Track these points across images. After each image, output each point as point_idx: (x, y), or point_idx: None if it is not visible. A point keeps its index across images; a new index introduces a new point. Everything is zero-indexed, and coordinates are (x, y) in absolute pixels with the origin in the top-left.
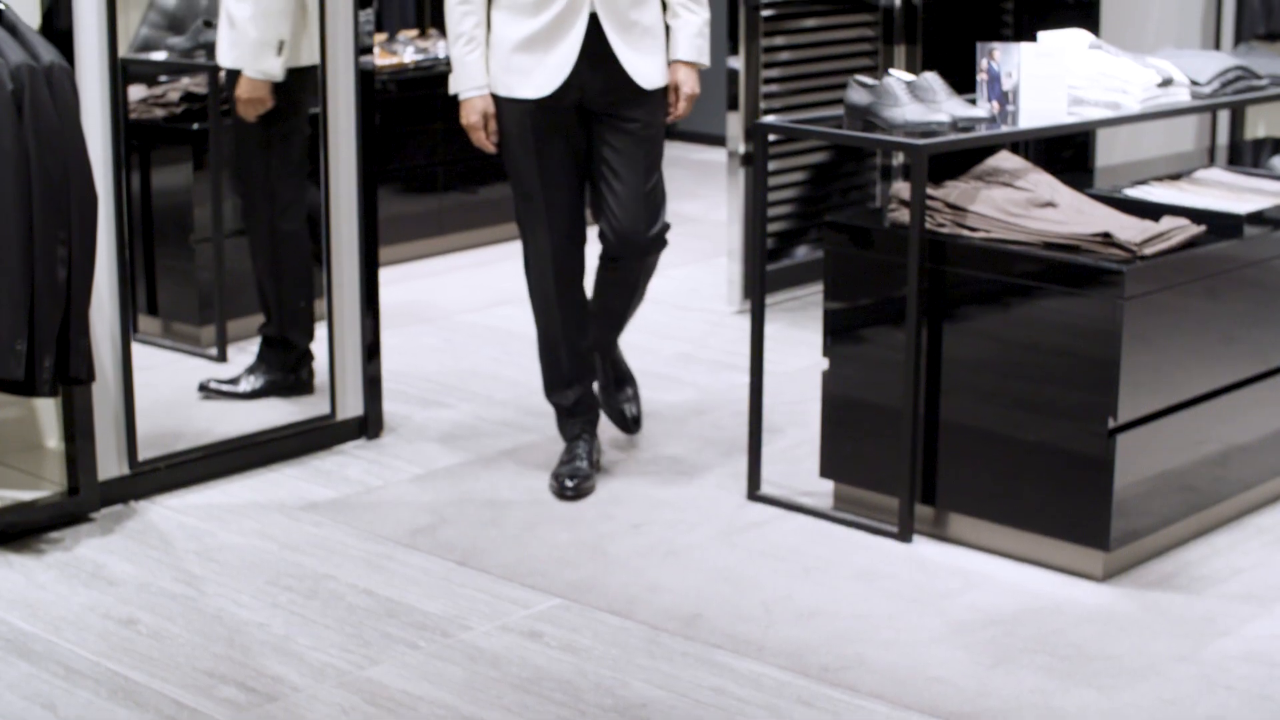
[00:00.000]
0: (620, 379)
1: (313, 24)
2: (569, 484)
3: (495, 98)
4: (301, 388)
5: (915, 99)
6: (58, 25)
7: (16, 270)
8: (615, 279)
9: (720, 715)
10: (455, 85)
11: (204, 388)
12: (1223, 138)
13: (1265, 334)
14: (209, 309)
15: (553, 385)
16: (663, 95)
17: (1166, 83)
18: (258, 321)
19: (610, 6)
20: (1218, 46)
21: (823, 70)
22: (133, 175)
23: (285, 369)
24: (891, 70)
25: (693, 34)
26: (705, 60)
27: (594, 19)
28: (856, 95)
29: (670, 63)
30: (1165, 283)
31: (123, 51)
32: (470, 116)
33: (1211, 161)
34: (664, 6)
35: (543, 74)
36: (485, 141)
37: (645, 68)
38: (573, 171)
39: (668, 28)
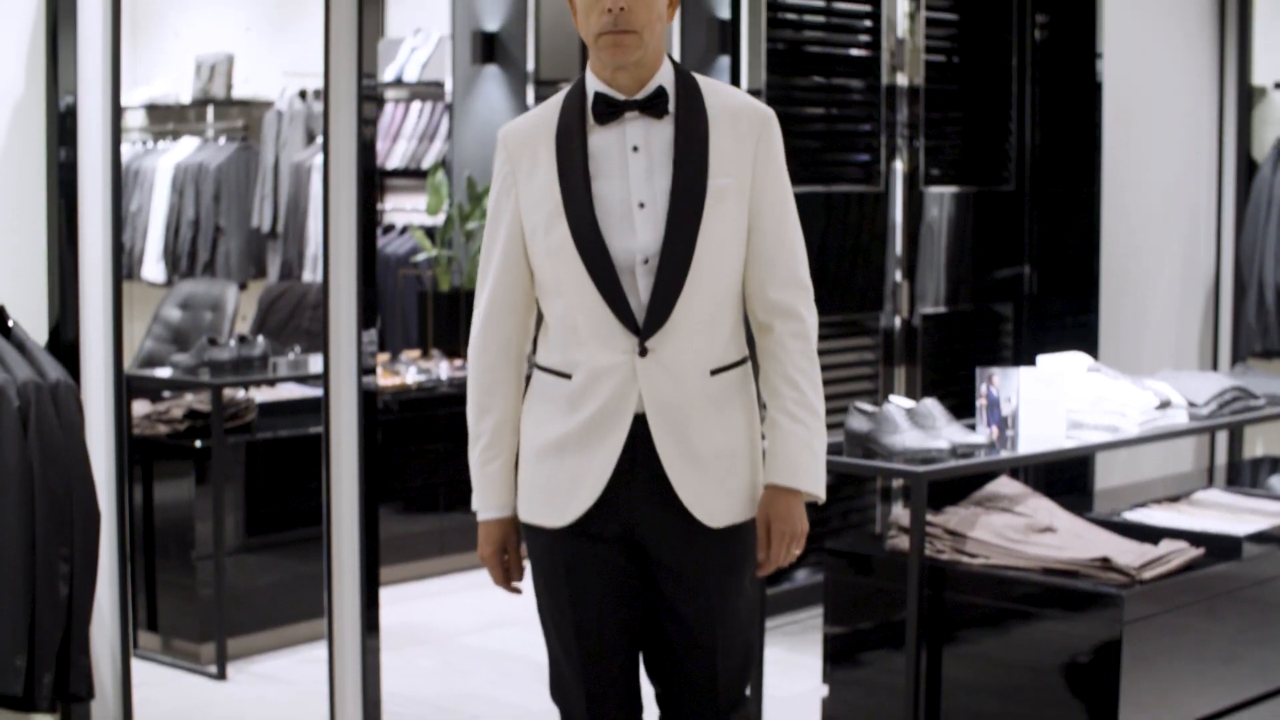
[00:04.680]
0: None
1: None
2: None
3: (522, 524)
4: None
5: (915, 425)
6: (64, 339)
7: (18, 586)
8: None
9: None
10: (474, 502)
11: None
12: (1221, 458)
13: (1267, 653)
14: (209, 626)
15: None
16: (745, 535)
17: (1164, 405)
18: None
19: (666, 405)
20: (1215, 366)
21: (823, 394)
22: (135, 491)
23: None
24: (891, 397)
25: (798, 448)
26: (817, 487)
27: (643, 421)
28: (856, 422)
29: (765, 487)
30: (1165, 605)
31: (127, 365)
32: (483, 547)
33: (1210, 482)
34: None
35: (569, 494)
36: (502, 580)
37: (708, 496)
38: (620, 627)
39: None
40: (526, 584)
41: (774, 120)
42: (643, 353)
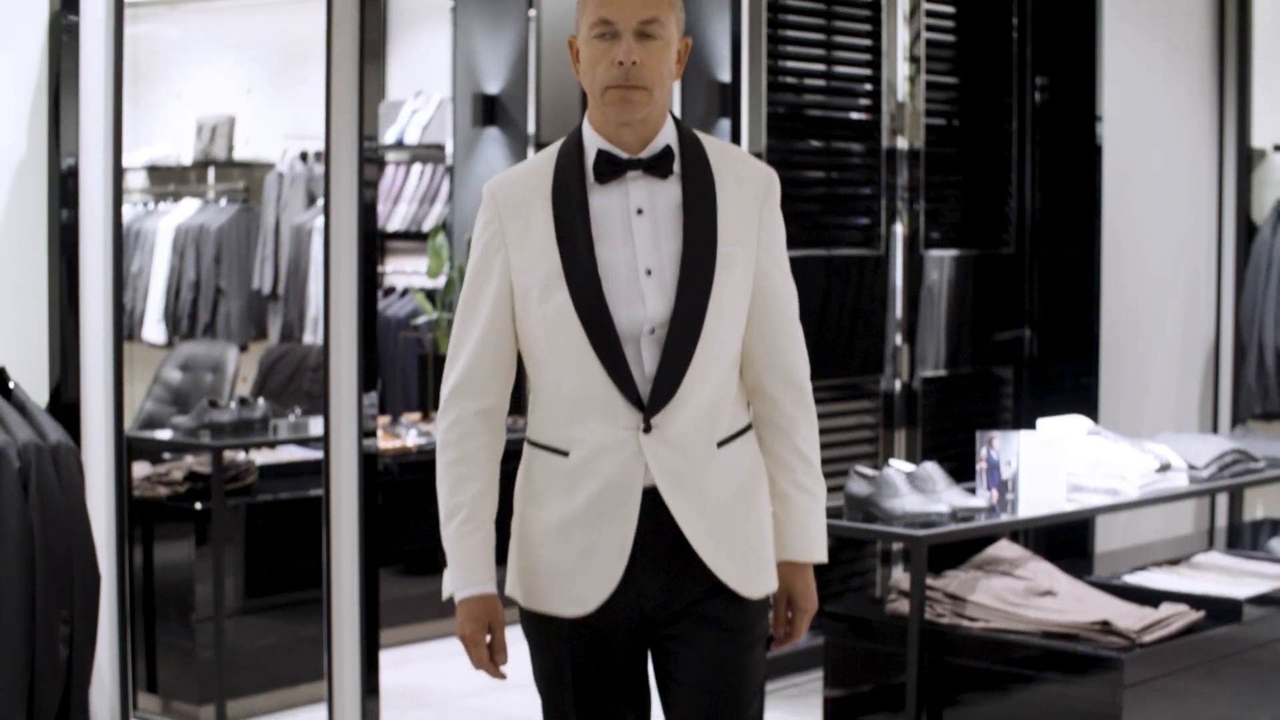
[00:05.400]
0: None
1: None
2: None
3: (522, 610)
4: None
5: (915, 489)
6: (65, 400)
7: (17, 648)
8: None
9: None
10: (449, 582)
11: None
12: (1221, 520)
13: (1268, 717)
14: (209, 688)
15: None
16: (766, 603)
17: (1164, 468)
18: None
19: (677, 477)
20: (1215, 429)
21: (824, 458)
22: (135, 552)
23: None
24: (891, 460)
25: (812, 521)
26: (825, 554)
27: (652, 496)
28: (857, 486)
29: (780, 563)
30: (1166, 668)
31: (128, 427)
32: (465, 626)
33: (1211, 544)
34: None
35: (585, 580)
36: (487, 662)
37: (741, 567)
38: (625, 707)
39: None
40: (508, 667)
41: (776, 180)
42: (647, 429)
